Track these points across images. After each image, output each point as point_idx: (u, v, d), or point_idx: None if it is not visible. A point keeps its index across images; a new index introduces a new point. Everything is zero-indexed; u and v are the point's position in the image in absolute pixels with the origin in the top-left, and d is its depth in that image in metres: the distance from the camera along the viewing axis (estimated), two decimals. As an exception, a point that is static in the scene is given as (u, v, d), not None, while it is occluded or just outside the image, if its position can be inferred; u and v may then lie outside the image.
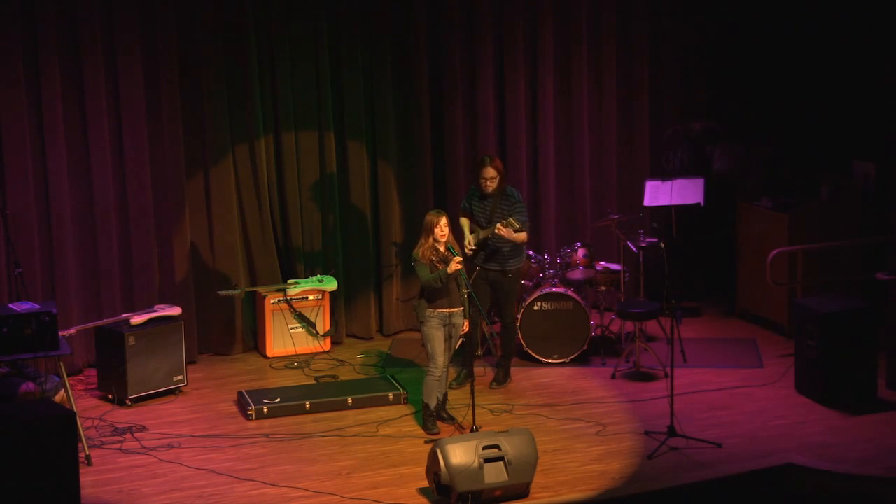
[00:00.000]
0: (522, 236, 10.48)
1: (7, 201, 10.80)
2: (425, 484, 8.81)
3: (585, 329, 11.34)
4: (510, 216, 10.35)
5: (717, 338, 12.10)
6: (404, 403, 10.49)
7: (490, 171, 10.47)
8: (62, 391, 9.73)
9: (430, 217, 9.78)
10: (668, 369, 10.06)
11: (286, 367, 11.54)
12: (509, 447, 8.63)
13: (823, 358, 10.28)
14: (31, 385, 9.64)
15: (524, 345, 11.35)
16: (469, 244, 10.57)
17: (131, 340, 10.49)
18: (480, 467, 8.52)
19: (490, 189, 10.49)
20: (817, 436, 9.73)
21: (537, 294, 11.31)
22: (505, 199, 10.55)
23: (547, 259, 11.65)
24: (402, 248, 12.16)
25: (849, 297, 10.91)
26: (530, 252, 11.53)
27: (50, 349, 9.22)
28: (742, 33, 12.94)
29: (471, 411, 9.57)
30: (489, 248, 10.57)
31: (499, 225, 10.28)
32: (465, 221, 10.74)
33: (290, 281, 11.87)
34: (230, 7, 11.45)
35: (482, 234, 10.52)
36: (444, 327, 9.80)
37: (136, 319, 10.60)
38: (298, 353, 11.78)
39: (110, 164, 11.22)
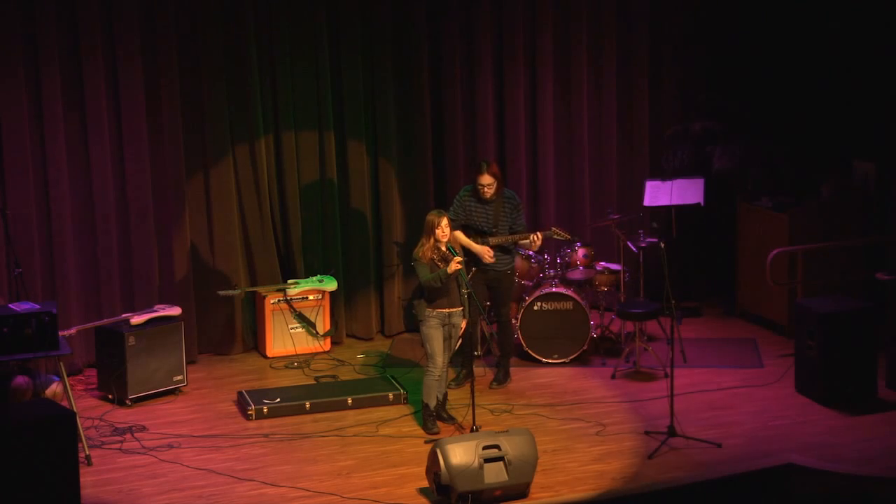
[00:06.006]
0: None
1: (7, 201, 10.80)
2: (425, 484, 8.81)
3: (585, 329, 11.33)
4: (517, 219, 10.43)
5: (717, 338, 12.09)
6: (404, 403, 10.49)
7: (487, 178, 10.42)
8: (53, 385, 9.75)
9: (431, 217, 9.77)
10: (668, 369, 10.06)
11: (286, 367, 11.54)
12: (509, 447, 8.63)
13: (823, 358, 10.28)
14: (21, 379, 9.65)
15: (524, 345, 11.35)
16: (488, 254, 10.45)
17: (131, 340, 10.49)
18: (480, 467, 8.52)
19: (488, 195, 10.47)
20: (817, 436, 9.73)
21: (537, 294, 11.31)
22: (507, 201, 10.54)
23: (547, 259, 11.64)
24: (402, 247, 12.16)
25: (849, 297, 10.90)
26: (530, 252, 11.53)
27: (50, 349, 9.22)
28: (742, 33, 12.93)
29: (471, 411, 9.57)
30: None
31: (538, 233, 10.41)
32: (460, 234, 10.50)
33: (290, 281, 11.87)
34: (230, 7, 11.45)
35: (493, 241, 10.48)
36: (443, 327, 9.79)
37: (136, 319, 10.60)
38: (298, 353, 11.77)
39: (110, 164, 11.22)
